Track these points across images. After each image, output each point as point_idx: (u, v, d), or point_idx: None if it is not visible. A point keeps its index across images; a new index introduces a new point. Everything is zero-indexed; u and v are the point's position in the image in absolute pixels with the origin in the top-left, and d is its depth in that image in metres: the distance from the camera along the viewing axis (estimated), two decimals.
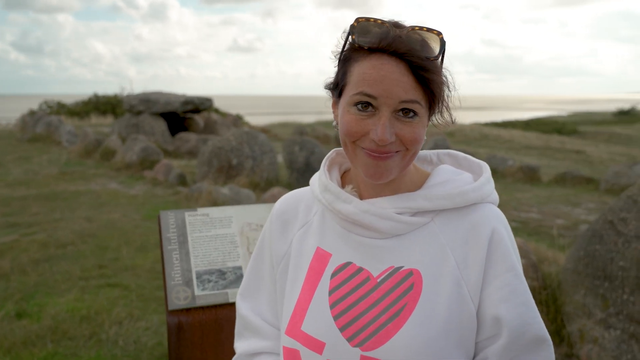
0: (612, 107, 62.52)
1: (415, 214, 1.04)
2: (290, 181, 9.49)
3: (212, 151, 9.31)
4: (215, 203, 7.39)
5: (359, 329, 1.00)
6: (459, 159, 1.15)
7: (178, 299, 1.82)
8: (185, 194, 8.18)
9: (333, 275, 1.06)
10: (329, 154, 1.16)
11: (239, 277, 1.91)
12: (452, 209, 1.03)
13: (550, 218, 7.99)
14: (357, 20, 0.97)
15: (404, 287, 1.00)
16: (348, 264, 1.06)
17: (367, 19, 0.96)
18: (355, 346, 1.00)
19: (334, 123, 1.06)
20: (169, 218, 1.99)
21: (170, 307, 1.80)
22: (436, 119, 1.03)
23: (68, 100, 24.93)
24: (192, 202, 7.70)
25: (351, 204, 1.04)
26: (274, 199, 6.89)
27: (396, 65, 0.93)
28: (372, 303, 1.01)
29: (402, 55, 0.92)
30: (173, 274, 1.87)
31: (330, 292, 1.05)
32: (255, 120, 29.24)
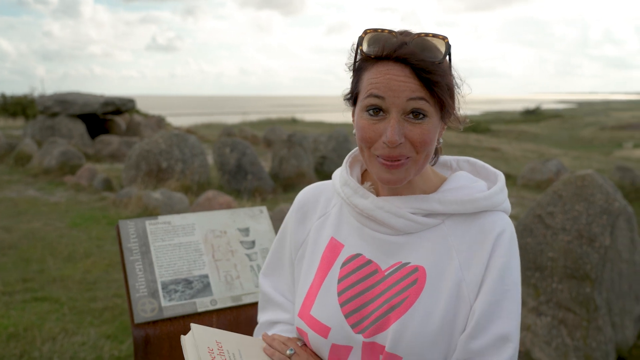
0: (520, 107, 66.69)
1: (427, 215, 1.08)
2: (222, 183, 9.33)
3: (139, 154, 8.97)
4: (146, 208, 7.14)
5: (363, 317, 1.06)
6: (477, 167, 1.20)
7: (144, 311, 1.75)
8: (112, 200, 7.82)
9: (343, 264, 1.12)
10: (352, 151, 1.20)
11: (206, 286, 1.87)
12: (462, 214, 1.08)
13: None
14: (365, 31, 1.01)
15: (408, 281, 1.06)
16: (358, 255, 1.11)
17: (375, 30, 1.00)
18: (358, 333, 1.06)
19: (354, 131, 1.09)
20: (129, 227, 1.90)
21: (137, 321, 1.73)
22: (450, 121, 1.07)
23: None
24: (121, 208, 7.38)
25: (367, 200, 1.09)
26: (209, 203, 6.75)
27: (401, 70, 0.97)
28: (377, 294, 1.07)
29: (405, 60, 0.96)
30: (137, 285, 1.79)
31: (339, 281, 1.10)
32: (177, 121, 28.47)
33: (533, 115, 52.04)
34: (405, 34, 1.00)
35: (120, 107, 15.26)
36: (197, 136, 15.13)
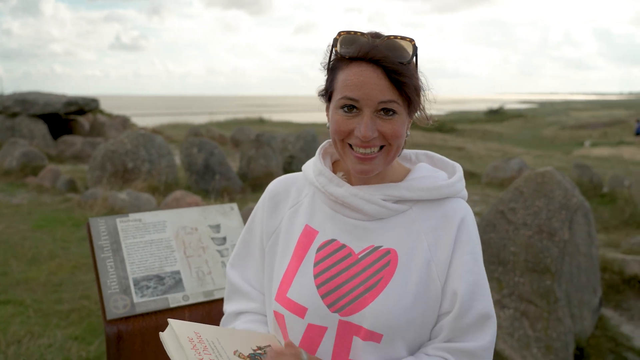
0: (484, 107, 68.07)
1: (397, 201, 1.17)
2: (189, 184, 9.26)
3: (105, 155, 8.83)
4: (112, 209, 7.04)
5: (339, 297, 1.13)
6: (435, 160, 1.30)
7: (116, 307, 1.76)
8: (77, 201, 7.68)
9: (319, 249, 1.18)
10: (323, 144, 1.29)
11: (178, 282, 1.89)
12: (428, 200, 1.18)
13: None
14: (339, 33, 1.09)
15: (381, 263, 1.14)
16: (332, 240, 1.18)
17: (348, 32, 1.09)
18: (334, 312, 1.12)
19: (328, 124, 1.16)
20: (99, 225, 1.91)
21: (109, 317, 1.74)
22: (417, 116, 1.17)
23: None
24: (87, 209, 7.26)
25: (342, 188, 1.17)
26: (177, 203, 6.70)
27: (373, 71, 1.06)
28: (352, 275, 1.14)
29: (377, 61, 1.05)
30: (109, 282, 1.80)
31: (315, 264, 1.17)
32: (143, 121, 28.01)
33: (497, 115, 53.22)
34: (376, 35, 1.09)
35: (84, 107, 14.96)
36: (163, 136, 14.95)
